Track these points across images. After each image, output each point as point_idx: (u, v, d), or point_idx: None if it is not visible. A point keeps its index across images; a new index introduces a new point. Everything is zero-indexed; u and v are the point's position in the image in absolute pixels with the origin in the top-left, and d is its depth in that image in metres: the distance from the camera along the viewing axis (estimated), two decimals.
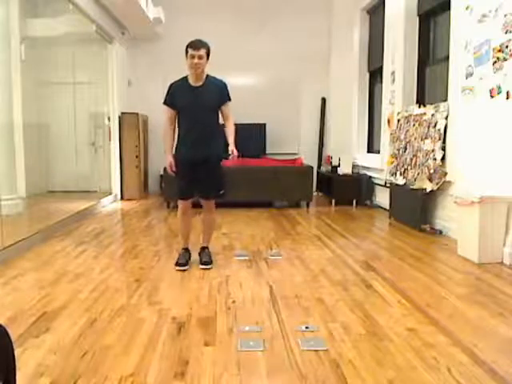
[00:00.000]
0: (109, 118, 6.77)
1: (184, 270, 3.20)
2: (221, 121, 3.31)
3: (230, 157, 3.19)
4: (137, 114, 6.98)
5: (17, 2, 4.19)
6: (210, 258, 3.35)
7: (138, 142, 6.97)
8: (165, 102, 3.26)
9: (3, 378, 1.26)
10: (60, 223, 4.67)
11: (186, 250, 3.40)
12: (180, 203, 3.35)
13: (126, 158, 6.98)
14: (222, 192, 3.33)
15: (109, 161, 6.84)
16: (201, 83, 3.19)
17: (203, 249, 3.42)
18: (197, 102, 3.16)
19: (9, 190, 3.89)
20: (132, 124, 6.96)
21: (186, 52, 3.13)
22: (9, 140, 4.03)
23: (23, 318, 2.36)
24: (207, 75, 3.23)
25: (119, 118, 6.92)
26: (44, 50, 4.77)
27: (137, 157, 7.00)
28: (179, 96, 3.21)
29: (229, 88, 3.27)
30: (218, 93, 3.22)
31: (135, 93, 7.46)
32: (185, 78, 3.24)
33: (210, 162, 3.24)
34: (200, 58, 3.09)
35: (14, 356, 1.33)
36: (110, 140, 6.76)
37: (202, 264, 3.28)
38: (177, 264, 3.26)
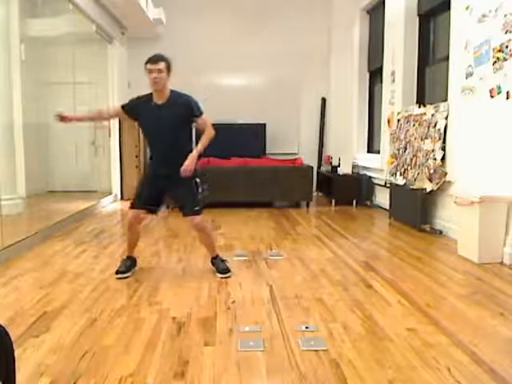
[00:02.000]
0: None
1: (125, 278, 3.04)
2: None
3: (181, 170, 2.94)
4: None
5: (17, 2, 4.18)
6: (226, 265, 3.17)
7: (138, 142, 6.97)
8: (122, 106, 3.19)
9: (3, 378, 1.26)
10: (60, 223, 4.66)
11: (129, 257, 3.23)
12: (130, 212, 3.14)
13: (126, 158, 6.98)
14: (196, 208, 3.08)
15: (109, 161, 6.84)
16: (164, 101, 3.04)
17: (215, 258, 3.22)
18: (159, 123, 3.01)
19: (9, 190, 3.88)
20: (132, 124, 6.93)
21: (145, 68, 2.97)
22: (9, 140, 4.03)
23: (23, 318, 2.36)
24: (171, 91, 3.06)
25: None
26: (44, 50, 4.77)
27: (137, 157, 7.00)
28: (142, 114, 3.09)
29: (198, 102, 3.09)
30: (182, 110, 3.03)
31: (135, 93, 7.36)
32: (149, 95, 3.09)
33: (180, 180, 3.01)
34: (159, 71, 2.93)
35: (14, 356, 1.33)
36: (109, 136, 6.74)
37: (221, 273, 3.10)
38: (117, 272, 3.08)
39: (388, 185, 5.53)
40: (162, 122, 3.02)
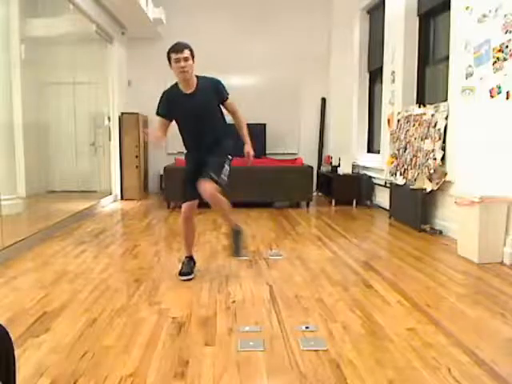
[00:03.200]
0: (109, 118, 6.77)
1: (190, 280, 3.01)
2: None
3: (248, 162, 3.12)
4: (137, 114, 6.98)
5: (17, 2, 4.18)
6: (240, 246, 3.10)
7: (138, 142, 6.97)
8: (157, 113, 3.03)
9: (3, 379, 1.26)
10: (60, 223, 4.66)
11: (190, 258, 3.18)
12: (184, 206, 3.09)
13: (126, 158, 6.98)
14: (213, 175, 2.89)
15: (109, 161, 6.84)
16: (193, 89, 2.95)
17: (236, 233, 3.10)
18: (192, 112, 2.94)
19: (9, 190, 3.88)
20: (132, 124, 6.96)
21: (169, 59, 2.86)
22: (9, 140, 4.03)
23: (23, 318, 2.36)
24: (197, 77, 2.97)
25: (119, 118, 6.92)
26: (44, 50, 4.77)
27: (137, 157, 7.00)
28: (173, 106, 2.99)
29: (224, 83, 3.05)
30: (212, 94, 2.99)
31: (135, 93, 7.46)
32: (175, 86, 3.00)
33: (211, 151, 3.00)
34: (186, 60, 2.83)
35: (14, 356, 1.33)
36: (109, 140, 6.76)
37: (235, 255, 3.11)
38: (181, 274, 3.02)
39: (388, 185, 5.54)
40: (195, 111, 2.95)
